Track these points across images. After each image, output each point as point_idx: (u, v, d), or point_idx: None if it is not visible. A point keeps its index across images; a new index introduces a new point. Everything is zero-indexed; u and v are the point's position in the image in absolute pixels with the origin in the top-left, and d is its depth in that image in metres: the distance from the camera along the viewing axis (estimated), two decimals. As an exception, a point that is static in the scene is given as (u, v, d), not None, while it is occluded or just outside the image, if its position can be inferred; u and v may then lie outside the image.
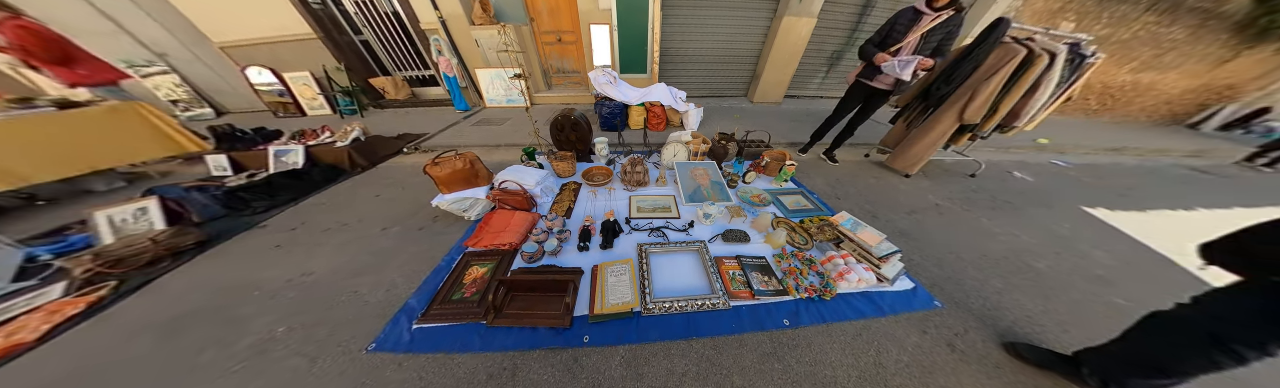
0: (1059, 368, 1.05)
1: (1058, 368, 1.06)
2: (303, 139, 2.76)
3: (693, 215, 1.83)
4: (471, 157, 1.81)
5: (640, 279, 1.37)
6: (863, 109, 2.49)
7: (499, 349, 1.14)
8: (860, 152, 3.05)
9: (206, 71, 4.06)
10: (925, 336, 1.22)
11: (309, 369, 1.08)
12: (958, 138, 2.40)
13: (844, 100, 2.49)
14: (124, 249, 1.53)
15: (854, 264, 1.44)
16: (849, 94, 2.44)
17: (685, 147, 2.27)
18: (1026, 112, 2.16)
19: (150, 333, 1.22)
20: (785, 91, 4.45)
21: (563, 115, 2.26)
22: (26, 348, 1.17)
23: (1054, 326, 1.28)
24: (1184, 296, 0.89)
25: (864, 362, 1.13)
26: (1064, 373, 1.04)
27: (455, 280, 1.40)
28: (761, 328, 1.23)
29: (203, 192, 2.01)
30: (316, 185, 2.38)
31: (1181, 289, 1.46)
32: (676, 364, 1.10)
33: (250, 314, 1.30)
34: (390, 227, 1.86)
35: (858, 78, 2.31)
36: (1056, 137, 3.70)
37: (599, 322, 1.22)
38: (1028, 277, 1.54)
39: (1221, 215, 2.31)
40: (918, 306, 1.34)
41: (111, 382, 1.06)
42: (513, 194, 1.79)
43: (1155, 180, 2.92)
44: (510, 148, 2.97)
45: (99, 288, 1.42)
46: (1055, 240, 1.84)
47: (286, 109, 4.14)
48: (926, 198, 2.30)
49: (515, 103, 4.15)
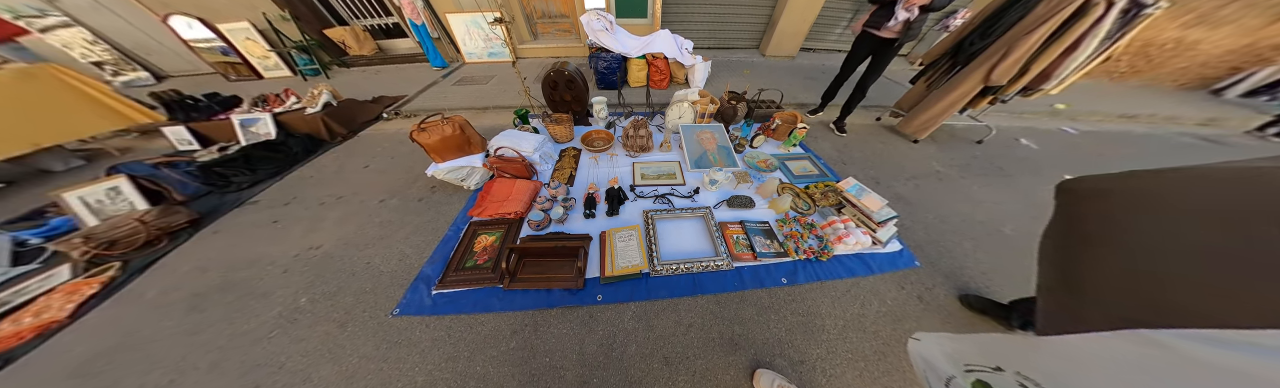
0: (993, 313, 1.23)
1: (992, 313, 1.23)
2: (267, 106, 2.51)
3: (698, 182, 1.80)
4: (460, 121, 1.68)
5: (648, 244, 1.41)
6: (872, 65, 2.29)
7: (519, 309, 1.22)
8: (872, 115, 2.92)
9: (119, 23, 3.42)
10: (902, 290, 1.35)
11: (340, 333, 1.16)
12: (977, 101, 2.26)
13: (851, 53, 2.31)
14: (113, 231, 1.49)
15: (853, 229, 1.49)
16: (855, 46, 2.25)
17: (691, 107, 2.13)
18: (1058, 73, 1.99)
19: (176, 308, 1.27)
20: (802, 44, 4.01)
21: (555, 70, 2.04)
22: (61, 326, 1.22)
23: (1004, 280, 1.42)
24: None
25: (850, 313, 1.26)
26: (996, 317, 1.23)
27: (466, 249, 1.42)
28: (761, 286, 1.32)
29: (174, 168, 1.89)
30: (297, 158, 2.25)
31: None
32: (683, 317, 1.21)
33: (269, 288, 1.34)
34: (388, 198, 1.82)
35: (864, 27, 2.13)
36: (1074, 102, 3.55)
37: (610, 283, 1.29)
38: (994, 240, 1.64)
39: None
40: (901, 265, 1.45)
41: (158, 350, 1.13)
42: (511, 162, 1.71)
43: (1155, 148, 2.89)
44: (500, 110, 2.76)
45: (106, 269, 1.42)
46: (1031, 207, 1.90)
47: (238, 71, 3.66)
48: (929, 164, 2.29)
49: (498, 56, 3.72)
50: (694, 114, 2.21)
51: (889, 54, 2.19)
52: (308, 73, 3.64)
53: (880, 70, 2.30)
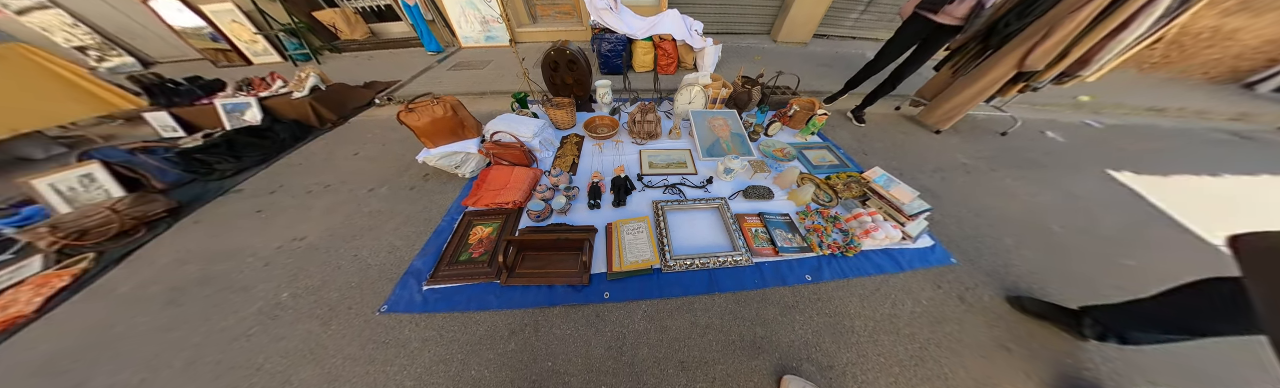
0: (1057, 319, 1.09)
1: (1056, 319, 1.10)
2: (252, 90, 2.37)
3: (712, 171, 1.67)
4: (452, 102, 1.53)
5: (659, 237, 1.30)
6: (918, 52, 2.00)
7: (518, 307, 1.11)
8: (891, 104, 2.75)
9: (99, 5, 3.26)
10: (939, 290, 1.24)
11: (324, 332, 1.06)
12: (1006, 89, 2.07)
13: (894, 41, 2.00)
14: (83, 220, 1.39)
15: (881, 222, 1.37)
16: (902, 32, 1.94)
17: (703, 91, 1.97)
18: (1099, 57, 1.80)
19: (151, 303, 1.18)
20: (816, 29, 3.78)
21: (556, 49, 1.88)
22: (27, 321, 1.13)
23: (1058, 282, 1.29)
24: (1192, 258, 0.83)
25: (880, 313, 1.15)
26: (1061, 323, 1.09)
27: (460, 241, 1.31)
28: (784, 283, 1.21)
29: (152, 154, 1.77)
30: (284, 145, 2.13)
31: (1190, 252, 1.47)
32: (700, 317, 1.10)
33: (250, 282, 1.24)
34: (377, 187, 1.70)
35: (917, 10, 1.81)
36: (1099, 94, 3.35)
37: (618, 279, 1.18)
38: (1040, 236, 1.52)
39: (1246, 182, 2.22)
40: (934, 262, 1.33)
41: (126, 350, 1.04)
42: (508, 147, 1.58)
43: (1186, 144, 2.75)
44: (497, 96, 2.61)
45: (79, 260, 1.33)
46: (1072, 201, 1.79)
47: (228, 59, 3.51)
48: (954, 156, 2.16)
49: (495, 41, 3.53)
50: (705, 99, 2.06)
51: (941, 42, 1.91)
52: (298, 58, 3.48)
53: (923, 60, 2.02)
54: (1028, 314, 1.15)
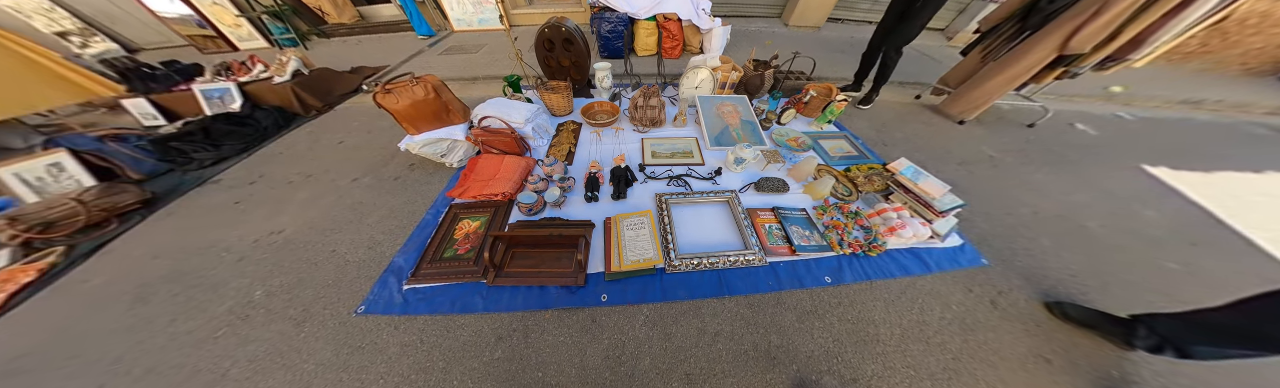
0: (1104, 328, 0.99)
1: (1102, 328, 1.00)
2: (231, 75, 2.24)
3: (720, 161, 1.54)
4: (434, 82, 1.38)
5: (662, 234, 1.18)
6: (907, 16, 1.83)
7: (506, 310, 1.02)
8: (911, 92, 2.56)
9: (75, -14, 3.11)
10: (970, 294, 1.13)
11: (296, 334, 0.98)
12: (1041, 76, 1.87)
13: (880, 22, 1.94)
14: (46, 211, 1.30)
15: (908, 218, 1.24)
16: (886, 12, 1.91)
17: (711, 75, 1.80)
18: (1154, 39, 1.59)
19: (118, 301, 1.10)
20: (829, 13, 3.56)
21: (551, 26, 1.72)
22: None
23: (1098, 286, 1.18)
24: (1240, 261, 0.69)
25: (907, 320, 1.04)
26: (1107, 333, 0.99)
27: (445, 236, 1.21)
28: (801, 285, 1.09)
29: (123, 142, 1.67)
30: (266, 133, 2.02)
31: (1237, 255, 1.33)
32: (708, 324, 1.00)
33: (223, 278, 1.16)
34: (361, 177, 1.60)
35: None
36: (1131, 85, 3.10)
37: (617, 280, 1.07)
38: (1078, 236, 1.40)
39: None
40: (965, 263, 1.22)
41: (88, 351, 0.96)
42: (498, 134, 1.45)
43: (1226, 139, 2.56)
44: (489, 81, 2.47)
45: (46, 254, 1.26)
46: (1110, 199, 1.65)
47: (215, 45, 3.37)
48: (980, 148, 2.00)
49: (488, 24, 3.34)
50: (713, 83, 1.89)
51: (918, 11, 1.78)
52: (284, 43, 3.32)
53: (906, 33, 1.88)
54: (1069, 322, 1.04)
